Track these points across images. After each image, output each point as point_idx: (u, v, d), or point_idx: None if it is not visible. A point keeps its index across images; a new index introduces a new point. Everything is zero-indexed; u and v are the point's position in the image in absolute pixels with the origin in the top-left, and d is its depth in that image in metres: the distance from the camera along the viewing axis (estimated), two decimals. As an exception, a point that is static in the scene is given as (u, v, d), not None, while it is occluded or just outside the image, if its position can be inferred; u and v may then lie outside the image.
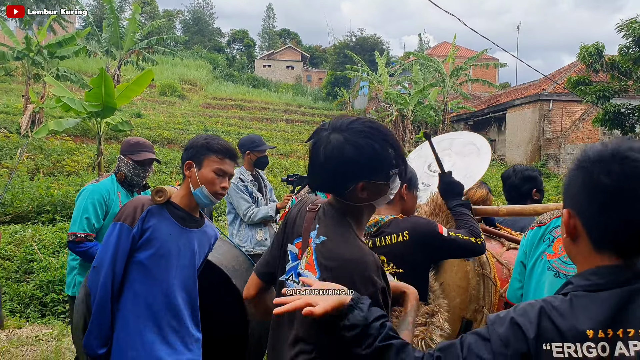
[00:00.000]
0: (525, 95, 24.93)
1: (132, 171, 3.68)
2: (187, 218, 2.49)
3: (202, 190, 2.42)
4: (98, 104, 8.09)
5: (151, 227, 2.37)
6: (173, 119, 27.64)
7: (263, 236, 5.01)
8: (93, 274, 2.35)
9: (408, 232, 2.40)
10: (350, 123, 1.65)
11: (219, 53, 63.47)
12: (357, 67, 33.47)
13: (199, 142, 2.45)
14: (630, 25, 14.05)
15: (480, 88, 36.18)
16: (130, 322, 2.36)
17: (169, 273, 2.41)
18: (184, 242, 2.46)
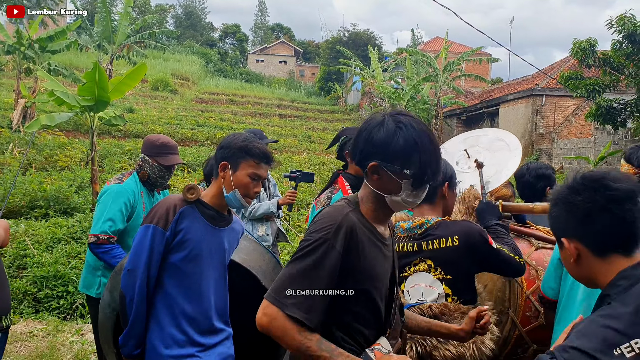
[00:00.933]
0: (518, 91, 24.99)
1: (158, 174, 3.58)
2: (217, 217, 2.46)
3: (235, 194, 2.38)
4: (91, 98, 8.02)
5: (184, 229, 2.35)
6: (165, 113, 27.57)
7: (264, 232, 4.95)
8: (127, 277, 2.33)
9: (458, 237, 2.34)
10: (400, 113, 1.75)
11: (211, 48, 63.21)
12: (350, 62, 33.43)
13: (237, 143, 2.38)
14: (620, 21, 14.10)
15: (473, 83, 36.22)
16: (164, 323, 2.37)
17: (201, 274, 2.40)
18: (215, 242, 2.44)
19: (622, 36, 14.37)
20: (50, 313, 5.88)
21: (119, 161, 15.03)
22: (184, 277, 2.37)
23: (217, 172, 2.42)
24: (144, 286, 2.31)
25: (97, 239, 3.39)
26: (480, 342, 2.24)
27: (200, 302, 2.41)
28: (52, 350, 4.66)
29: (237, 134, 2.48)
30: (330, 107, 41.79)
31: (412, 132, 1.68)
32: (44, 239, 7.60)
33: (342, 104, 42.85)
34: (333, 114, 38.69)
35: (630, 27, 13.90)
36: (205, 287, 2.42)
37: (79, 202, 9.83)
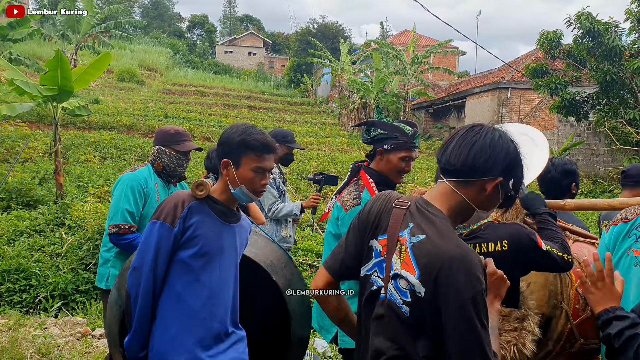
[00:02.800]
0: (484, 84, 25.33)
1: (176, 162, 3.60)
2: (228, 212, 2.37)
3: (242, 190, 2.30)
4: (54, 88, 7.83)
5: (193, 224, 2.25)
6: (132, 105, 27.11)
7: (288, 233, 4.90)
8: (133, 275, 2.23)
9: (507, 242, 2.28)
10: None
11: (179, 38, 62.46)
12: (319, 53, 33.39)
13: (235, 138, 2.27)
14: (577, 18, 14.41)
15: (441, 76, 36.59)
16: (171, 324, 2.26)
17: (212, 272, 2.30)
18: (226, 238, 2.35)
19: (581, 33, 14.70)
20: (12, 307, 5.76)
21: (84, 153, 14.76)
22: (194, 275, 2.26)
23: (221, 170, 2.34)
24: (149, 285, 2.21)
25: (118, 229, 3.38)
26: (522, 344, 2.21)
27: (211, 302, 2.30)
28: (13, 345, 4.57)
29: (234, 127, 2.34)
30: (300, 99, 41.69)
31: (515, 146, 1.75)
32: (5, 232, 7.44)
33: (312, 96, 42.79)
34: (303, 106, 38.61)
35: (588, 25, 14.22)
36: (217, 286, 2.32)
37: (42, 195, 9.63)
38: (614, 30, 14.43)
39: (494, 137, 1.69)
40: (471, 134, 1.71)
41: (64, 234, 7.45)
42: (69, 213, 8.06)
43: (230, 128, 2.34)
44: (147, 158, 14.40)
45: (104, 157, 14.95)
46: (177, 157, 3.60)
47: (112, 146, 16.04)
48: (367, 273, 1.83)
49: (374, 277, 1.78)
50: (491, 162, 1.66)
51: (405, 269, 1.66)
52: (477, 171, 1.67)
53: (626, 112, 14.31)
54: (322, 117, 34.52)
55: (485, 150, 1.67)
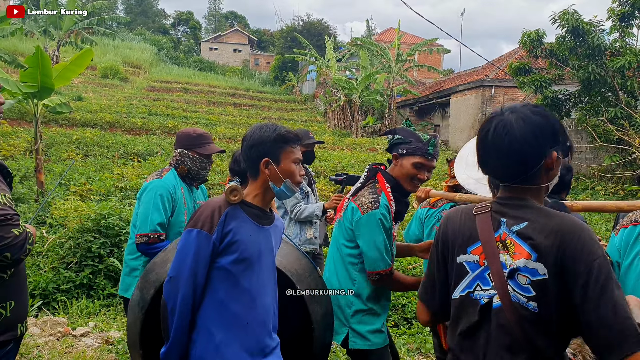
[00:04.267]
0: (468, 82, 25.45)
1: (199, 165, 3.56)
2: (262, 215, 2.34)
3: (287, 185, 2.31)
4: (34, 85, 7.75)
5: (232, 230, 2.20)
6: (116, 102, 26.91)
7: (312, 234, 4.86)
8: (170, 285, 2.17)
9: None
10: (524, 105, 1.70)
11: (164, 35, 62.05)
12: (305, 51, 33.35)
13: (270, 136, 2.28)
14: (563, 16, 14.54)
15: (426, 74, 36.73)
16: (216, 331, 2.20)
17: (252, 276, 2.25)
18: (263, 241, 2.31)
19: (565, 30, 14.83)
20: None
21: (66, 150, 14.62)
22: (235, 282, 2.21)
23: (256, 171, 2.31)
24: (188, 295, 2.15)
25: (147, 238, 3.32)
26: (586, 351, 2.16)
27: (254, 307, 2.26)
28: None
29: (261, 127, 2.34)
30: (285, 96, 41.63)
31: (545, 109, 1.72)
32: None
33: (298, 94, 42.74)
34: (288, 104, 38.57)
35: (573, 22, 14.34)
36: (257, 290, 2.27)
37: (23, 193, 9.53)
38: (598, 29, 14.58)
39: (510, 130, 1.65)
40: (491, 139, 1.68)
41: (45, 233, 7.37)
42: (50, 211, 7.98)
43: (257, 129, 2.34)
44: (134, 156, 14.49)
45: (87, 155, 14.82)
46: (201, 160, 3.57)
47: (95, 144, 15.89)
48: (463, 293, 1.75)
49: (477, 292, 1.71)
50: (534, 149, 1.64)
51: (518, 258, 1.62)
52: (531, 166, 1.66)
53: (607, 110, 14.48)
54: (308, 114, 34.51)
55: (521, 147, 1.64)
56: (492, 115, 1.72)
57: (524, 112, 1.66)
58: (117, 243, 6.53)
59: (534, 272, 1.59)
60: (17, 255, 2.30)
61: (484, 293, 1.69)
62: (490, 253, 1.67)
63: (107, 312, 5.71)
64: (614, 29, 15.06)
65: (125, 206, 8.09)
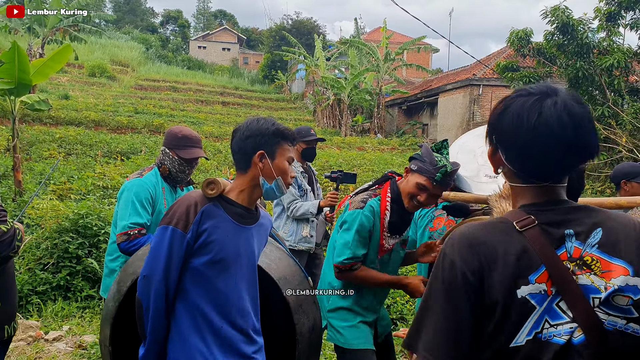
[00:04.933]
0: (457, 81, 25.47)
1: (177, 167, 3.35)
2: (245, 214, 2.21)
3: (278, 183, 2.18)
4: (11, 81, 7.55)
5: (207, 230, 2.09)
6: (102, 100, 26.74)
7: (309, 232, 4.77)
8: (143, 284, 2.08)
9: None
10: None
11: (152, 33, 61.69)
12: (294, 50, 33.25)
13: (270, 128, 2.17)
14: (554, 11, 14.53)
15: (415, 73, 36.73)
16: (188, 334, 2.10)
17: (228, 279, 2.14)
18: (242, 242, 2.18)
19: (554, 27, 14.82)
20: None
21: (48, 149, 14.41)
22: (208, 284, 2.11)
23: (248, 164, 2.18)
24: (161, 295, 2.06)
25: (127, 236, 3.15)
26: None
27: (228, 311, 2.15)
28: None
29: (259, 119, 2.23)
30: (274, 95, 41.55)
31: None
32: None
33: (287, 93, 42.66)
34: (277, 102, 38.48)
35: (563, 18, 14.34)
36: (233, 293, 2.16)
37: (1, 192, 9.34)
38: (587, 27, 14.58)
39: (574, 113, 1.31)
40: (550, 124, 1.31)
41: (21, 233, 7.18)
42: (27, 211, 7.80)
43: (254, 120, 2.22)
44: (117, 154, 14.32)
45: (69, 154, 14.64)
46: (179, 163, 3.34)
47: (78, 142, 15.70)
48: (530, 337, 1.31)
49: (547, 331, 1.31)
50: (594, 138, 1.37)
51: (615, 276, 1.29)
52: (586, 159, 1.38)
53: (595, 108, 14.46)
54: (297, 113, 34.44)
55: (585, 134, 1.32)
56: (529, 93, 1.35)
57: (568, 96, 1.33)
58: (96, 243, 6.37)
59: (636, 290, 1.29)
60: (5, 252, 2.23)
61: (556, 330, 1.31)
62: (560, 278, 1.30)
63: (83, 314, 5.56)
64: (601, 28, 15.05)
65: (104, 206, 7.92)
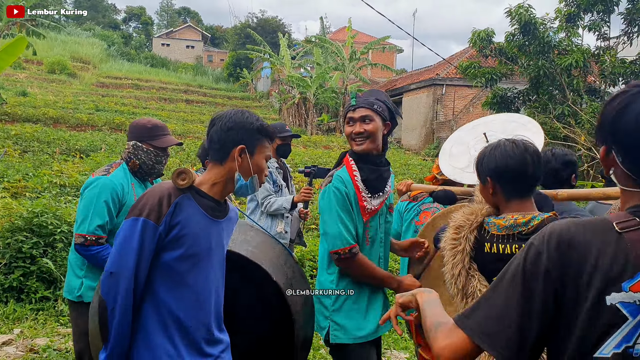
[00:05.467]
0: (420, 80, 25.70)
1: (154, 159, 3.23)
2: (216, 207, 2.10)
3: (253, 181, 2.11)
4: (-39, 75, 7.29)
5: (180, 222, 1.97)
6: (62, 98, 26.11)
7: (283, 228, 4.71)
8: (109, 281, 1.92)
9: None
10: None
11: (115, 30, 60.57)
12: (259, 48, 33.05)
13: (253, 122, 2.08)
14: (517, 10, 14.78)
15: (380, 73, 36.93)
16: (155, 333, 1.98)
17: (199, 275, 2.04)
18: (214, 236, 2.09)
19: (516, 28, 15.08)
20: None
21: (3, 146, 13.98)
22: (179, 280, 1.99)
23: (225, 156, 2.07)
24: (130, 292, 1.91)
25: (84, 239, 2.99)
26: None
27: (198, 309, 2.04)
28: None
29: (240, 111, 2.14)
30: (239, 93, 41.25)
31: None
32: None
33: (252, 91, 42.40)
34: (243, 101, 38.20)
35: (526, 17, 14.60)
36: (204, 291, 2.06)
37: (-49, 190, 8.99)
38: (548, 27, 14.88)
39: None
40: None
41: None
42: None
43: (238, 112, 2.13)
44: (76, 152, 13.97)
45: (25, 151, 14.22)
46: (156, 154, 3.23)
47: (35, 139, 15.28)
48: (619, 350, 1.20)
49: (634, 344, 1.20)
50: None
51: None
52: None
53: (555, 107, 14.77)
54: (263, 111, 34.26)
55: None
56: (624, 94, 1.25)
57: None
58: (52, 243, 6.15)
59: None
60: None
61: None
62: None
63: (37, 317, 5.36)
64: (561, 28, 15.36)
65: (61, 204, 7.68)
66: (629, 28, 14.96)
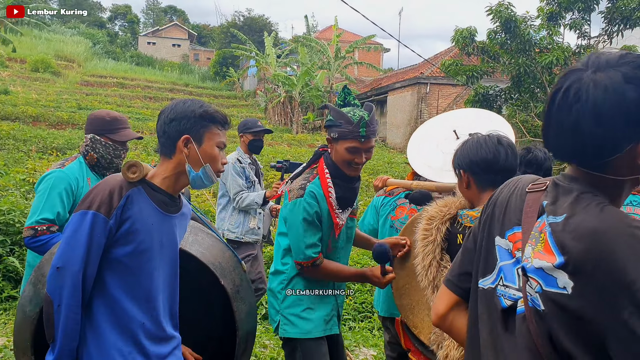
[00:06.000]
0: (405, 79, 25.74)
1: (113, 153, 3.13)
2: (169, 202, 2.04)
3: (206, 170, 2.01)
4: None
5: (131, 217, 1.90)
6: (45, 96, 25.86)
7: (256, 224, 4.71)
8: (57, 277, 1.83)
9: None
10: (622, 57, 1.18)
11: (100, 29, 60.16)
12: (245, 47, 32.95)
13: (195, 110, 2.00)
14: (498, 7, 14.82)
15: (367, 72, 36.92)
16: (105, 334, 1.90)
17: (151, 271, 1.97)
18: (166, 232, 2.03)
19: (497, 25, 15.12)
20: None
21: (-23, 144, 13.86)
22: (130, 276, 1.93)
23: (172, 149, 2.01)
24: (78, 289, 1.82)
25: (34, 231, 2.86)
26: None
27: (150, 305, 1.99)
28: None
29: (184, 101, 2.07)
30: (226, 92, 41.13)
31: None
32: None
33: (239, 90, 42.27)
34: (229, 100, 38.10)
35: (507, 14, 14.65)
36: (156, 287, 2.00)
37: None
38: (529, 25, 14.94)
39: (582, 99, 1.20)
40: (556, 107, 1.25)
41: None
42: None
43: (180, 102, 2.05)
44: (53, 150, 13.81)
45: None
46: (115, 148, 3.14)
47: (10, 137, 15.11)
48: (487, 286, 1.38)
49: (500, 288, 1.34)
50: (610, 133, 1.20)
51: (540, 257, 1.22)
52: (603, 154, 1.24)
53: (536, 105, 14.83)
54: (249, 110, 34.17)
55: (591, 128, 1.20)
56: (569, 71, 1.25)
57: (613, 77, 1.16)
58: (19, 241, 6.06)
59: (551, 282, 1.19)
60: None
61: (505, 291, 1.32)
62: (525, 242, 1.30)
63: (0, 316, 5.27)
64: (543, 27, 15.42)
65: (30, 201, 7.58)
66: (609, 27, 15.05)
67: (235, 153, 4.87)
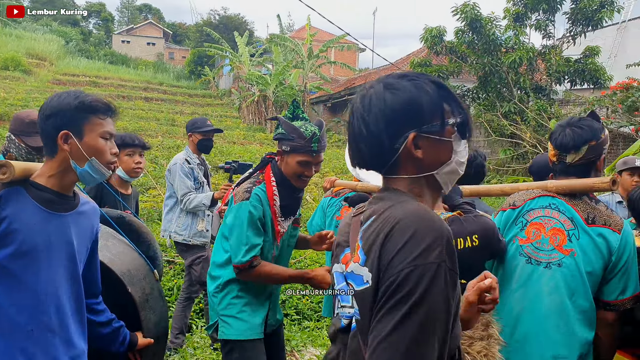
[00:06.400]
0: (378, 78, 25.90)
1: (25, 156, 2.99)
2: (57, 200, 1.95)
3: (93, 164, 1.93)
4: None
5: (7, 217, 1.82)
6: (14, 95, 25.37)
7: (204, 227, 4.66)
8: None
9: (478, 236, 2.14)
10: (389, 75, 1.38)
11: (74, 27, 59.28)
12: (219, 46, 32.79)
13: (70, 103, 1.91)
14: (463, 8, 14.98)
15: (342, 72, 37.00)
16: None
17: (38, 273, 1.87)
18: (54, 231, 1.92)
19: (464, 24, 15.32)
20: None
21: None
22: (13, 279, 1.83)
23: (54, 147, 1.93)
24: None
25: None
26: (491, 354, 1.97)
27: (40, 311, 1.88)
28: None
29: (61, 94, 1.98)
30: (201, 91, 40.81)
31: (418, 76, 1.35)
32: None
33: (214, 89, 42.04)
34: (204, 99, 37.84)
35: (471, 15, 14.83)
36: (45, 291, 1.90)
37: None
38: (495, 24, 15.16)
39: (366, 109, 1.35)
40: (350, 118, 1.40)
41: None
42: None
43: (56, 96, 1.97)
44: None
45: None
46: (27, 152, 3.01)
47: (-31, 136, 14.79)
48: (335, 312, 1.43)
49: (339, 310, 1.39)
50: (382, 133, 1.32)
51: (353, 261, 1.30)
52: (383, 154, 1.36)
53: (502, 105, 15.04)
54: (224, 109, 33.99)
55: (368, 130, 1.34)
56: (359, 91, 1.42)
57: (377, 87, 1.34)
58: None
59: (359, 280, 1.25)
60: None
61: (343, 311, 1.36)
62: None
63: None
64: (509, 27, 15.65)
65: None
66: (573, 28, 15.32)
67: (184, 153, 4.80)
